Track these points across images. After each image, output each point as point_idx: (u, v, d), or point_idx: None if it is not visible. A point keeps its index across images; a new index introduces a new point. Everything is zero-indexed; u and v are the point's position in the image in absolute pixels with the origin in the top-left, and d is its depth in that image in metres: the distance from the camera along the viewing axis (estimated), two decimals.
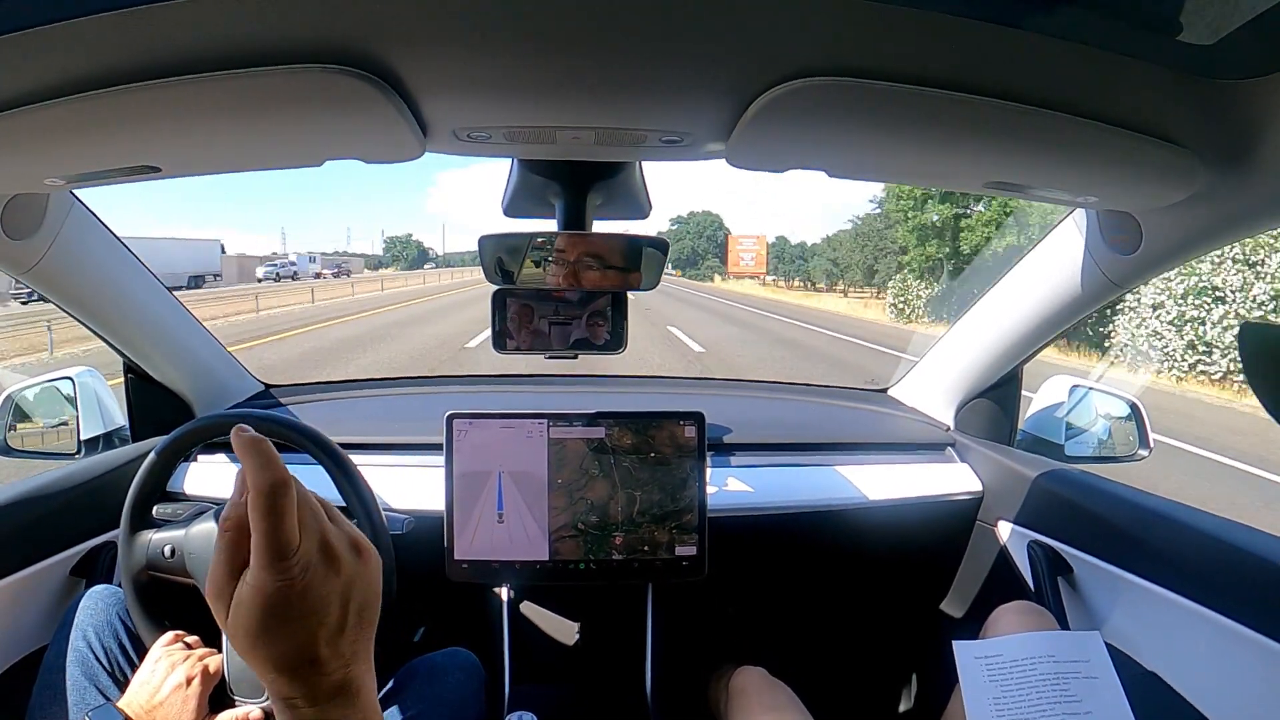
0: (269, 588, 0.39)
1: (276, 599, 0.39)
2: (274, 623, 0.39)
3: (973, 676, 0.83)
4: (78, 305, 1.06)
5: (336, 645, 0.41)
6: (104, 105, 0.54)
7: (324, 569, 0.40)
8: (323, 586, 0.40)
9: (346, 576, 0.41)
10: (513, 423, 1.07)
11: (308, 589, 0.39)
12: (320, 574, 0.40)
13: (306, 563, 0.40)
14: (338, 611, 0.41)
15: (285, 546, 0.39)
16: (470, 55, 0.53)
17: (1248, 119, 0.59)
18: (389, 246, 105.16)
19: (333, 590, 0.41)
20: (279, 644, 0.39)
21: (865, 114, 0.59)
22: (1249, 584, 0.79)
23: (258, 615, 0.39)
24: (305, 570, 0.39)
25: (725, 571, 1.10)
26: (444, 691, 0.96)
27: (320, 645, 0.40)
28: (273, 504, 0.39)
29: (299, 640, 0.40)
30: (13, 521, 0.95)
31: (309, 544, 0.40)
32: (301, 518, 0.40)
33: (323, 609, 0.40)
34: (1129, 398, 1.30)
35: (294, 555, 0.39)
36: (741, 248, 56.72)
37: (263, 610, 0.39)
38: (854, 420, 1.46)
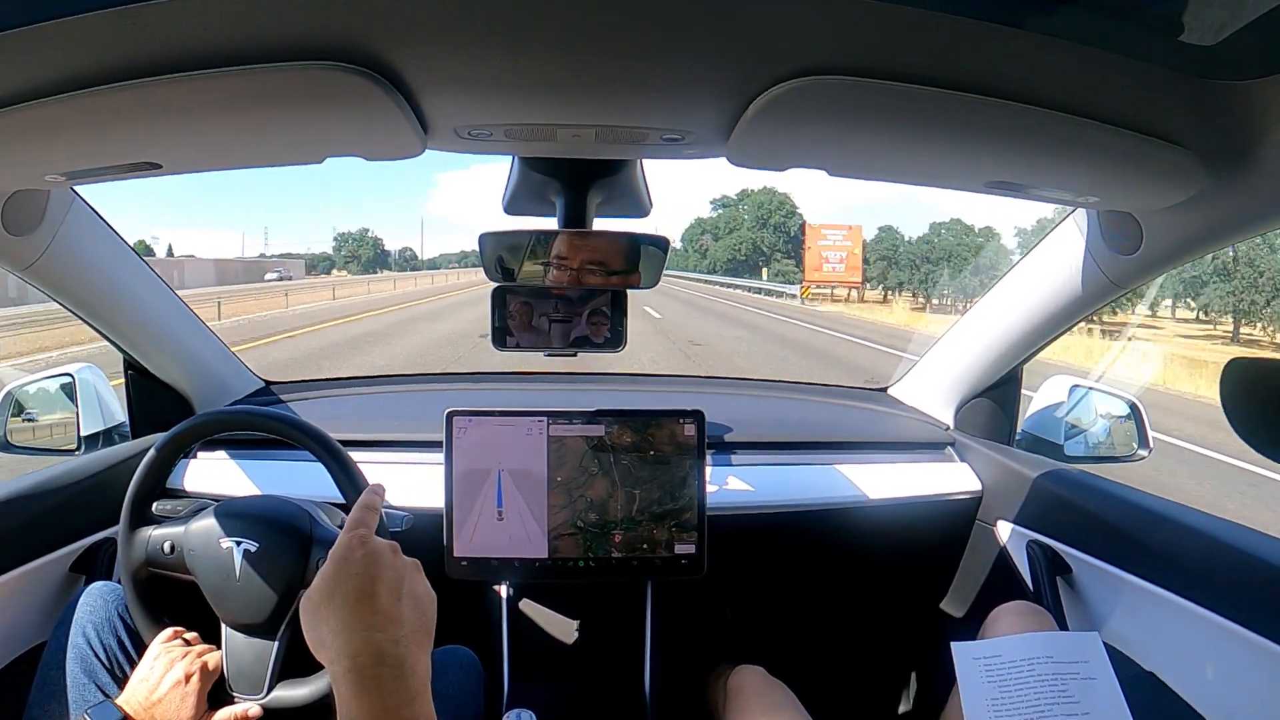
0: (344, 541, 0.55)
1: (345, 547, 0.55)
2: (341, 566, 0.53)
3: (971, 677, 0.83)
4: (78, 302, 1.06)
5: (395, 611, 0.52)
6: (105, 102, 0.54)
7: (387, 548, 0.56)
8: (382, 554, 0.55)
9: (402, 564, 0.56)
10: (512, 420, 1.07)
11: (371, 549, 0.55)
12: (383, 546, 0.56)
13: (371, 536, 0.56)
14: (392, 578, 0.54)
15: (362, 521, 0.58)
16: (471, 53, 0.53)
17: (1249, 120, 0.59)
18: (340, 244, 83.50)
19: (389, 565, 0.54)
20: (345, 584, 0.52)
21: (866, 113, 0.59)
22: (1248, 585, 0.79)
23: (332, 564, 0.54)
24: (369, 537, 0.56)
25: (724, 570, 1.10)
26: (443, 689, 0.96)
27: (381, 598, 0.52)
28: (365, 504, 0.60)
29: (361, 583, 0.52)
30: (13, 517, 0.95)
31: (379, 538, 0.57)
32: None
33: (380, 569, 0.54)
34: (1129, 398, 1.30)
35: (364, 529, 0.57)
36: (825, 243, 38.34)
37: (335, 558, 0.54)
38: (854, 419, 1.46)
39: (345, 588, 0.52)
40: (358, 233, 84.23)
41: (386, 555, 0.55)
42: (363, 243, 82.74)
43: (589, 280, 0.83)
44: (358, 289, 28.99)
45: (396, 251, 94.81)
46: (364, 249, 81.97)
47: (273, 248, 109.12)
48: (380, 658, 0.49)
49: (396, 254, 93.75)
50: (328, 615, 0.51)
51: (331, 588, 0.52)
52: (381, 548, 0.55)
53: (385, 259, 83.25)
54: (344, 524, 0.59)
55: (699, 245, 60.30)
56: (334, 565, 0.54)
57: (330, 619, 0.51)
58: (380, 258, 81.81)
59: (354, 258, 79.17)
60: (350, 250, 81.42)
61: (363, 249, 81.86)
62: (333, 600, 0.52)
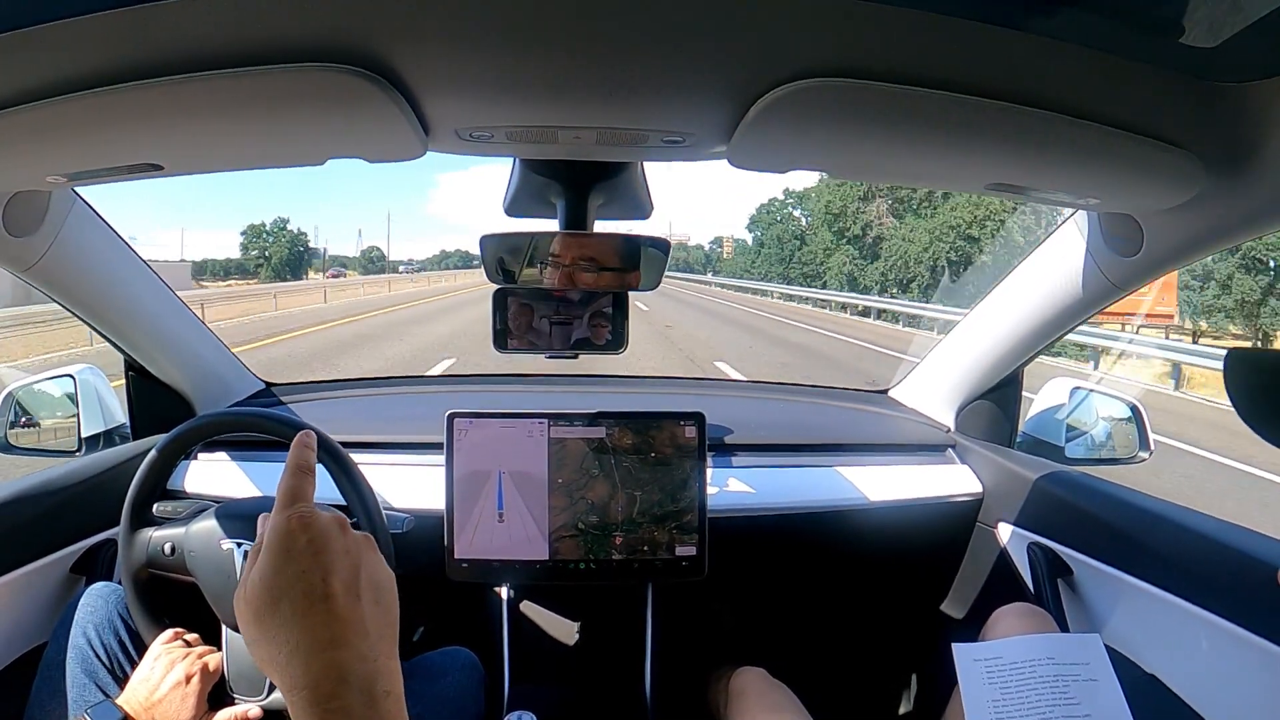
0: (280, 525, 0.43)
1: (284, 533, 0.43)
2: (283, 561, 0.42)
3: (972, 679, 0.83)
4: (79, 303, 1.06)
5: (356, 614, 0.42)
6: (106, 103, 0.54)
7: (335, 526, 0.44)
8: (330, 537, 0.44)
9: (354, 543, 0.45)
10: (513, 422, 1.07)
11: (316, 532, 0.43)
12: (329, 525, 0.44)
13: (313, 512, 0.44)
14: (347, 567, 0.43)
15: (298, 493, 0.45)
16: (473, 55, 0.53)
17: (1249, 122, 0.59)
18: (249, 241, 58.19)
19: (341, 549, 0.43)
20: (292, 586, 0.41)
21: (867, 115, 0.59)
22: (1249, 587, 0.79)
23: (269, 557, 0.42)
24: (311, 516, 0.44)
25: (725, 572, 1.10)
26: (444, 691, 0.96)
27: (338, 598, 0.41)
28: (296, 467, 0.47)
29: (311, 581, 0.42)
30: (13, 518, 0.95)
31: (321, 512, 0.45)
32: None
33: (331, 557, 0.43)
34: (1129, 400, 1.30)
35: (303, 503, 0.45)
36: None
37: (273, 549, 0.42)
38: (855, 421, 1.46)
39: (293, 589, 0.41)
40: (273, 225, 58.68)
41: (335, 536, 0.44)
42: (278, 239, 57.72)
43: (590, 282, 0.83)
44: (246, 306, 17.27)
45: (361, 251, 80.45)
46: (277, 247, 57.10)
47: (199, 250, 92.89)
48: (345, 681, 0.40)
49: (360, 254, 79.17)
50: (274, 629, 0.41)
51: (274, 589, 0.42)
52: (328, 526, 0.44)
53: (306, 259, 59.18)
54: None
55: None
56: (273, 557, 0.42)
57: (279, 633, 0.41)
58: (299, 258, 57.88)
59: (265, 259, 56.49)
60: (262, 248, 57.87)
61: (275, 247, 57.09)
62: (278, 608, 0.41)
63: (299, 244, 59.01)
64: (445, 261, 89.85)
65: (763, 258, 46.86)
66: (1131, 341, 9.45)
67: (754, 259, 48.99)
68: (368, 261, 77.19)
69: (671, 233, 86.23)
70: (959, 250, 27.76)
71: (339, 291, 25.26)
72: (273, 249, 57.35)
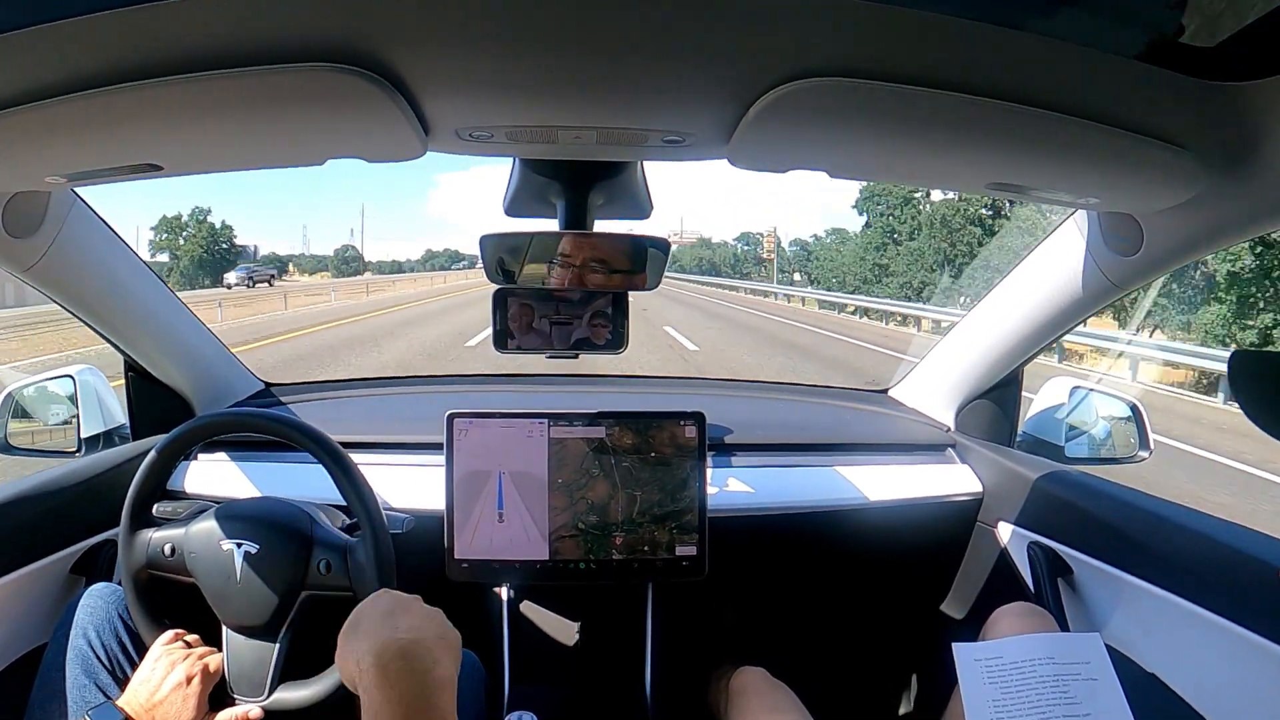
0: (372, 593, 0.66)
1: (375, 594, 0.65)
2: (371, 602, 0.63)
3: (972, 678, 0.83)
4: (79, 304, 1.06)
5: (419, 624, 0.59)
6: (105, 103, 0.54)
7: (413, 598, 0.64)
8: (408, 598, 0.63)
9: (427, 609, 0.62)
10: (513, 422, 1.07)
11: (397, 594, 0.63)
12: (407, 596, 0.64)
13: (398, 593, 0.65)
14: (419, 609, 0.62)
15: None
16: (473, 54, 0.53)
17: (1249, 121, 0.59)
18: (162, 238, 45.39)
19: (413, 601, 0.63)
20: (374, 610, 0.61)
21: (867, 115, 0.59)
22: (1249, 586, 0.79)
23: (361, 605, 0.63)
24: (393, 591, 0.65)
25: (725, 572, 1.10)
26: None
27: (402, 615, 0.60)
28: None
29: (389, 604, 0.61)
30: (13, 519, 0.95)
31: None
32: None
33: (407, 601, 0.62)
34: (1129, 399, 1.30)
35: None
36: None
37: (362, 602, 0.63)
38: (854, 421, 1.46)
39: (371, 615, 0.59)
40: (190, 218, 45.92)
41: (412, 599, 0.62)
42: (195, 234, 45.69)
43: (590, 282, 0.83)
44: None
45: (335, 251, 74.54)
46: (190, 245, 45.37)
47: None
48: (405, 654, 0.54)
49: (334, 253, 72.74)
50: (355, 636, 0.58)
51: (358, 619, 0.60)
52: (406, 596, 0.63)
53: (231, 259, 46.22)
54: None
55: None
56: (359, 609, 0.62)
57: (357, 637, 0.58)
58: (221, 258, 45.60)
59: (175, 259, 44.85)
60: (174, 246, 45.54)
61: (189, 245, 45.37)
62: (358, 628, 0.59)
63: (220, 240, 46.88)
64: (432, 261, 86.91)
65: (864, 248, 31.41)
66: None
67: (862, 253, 31.58)
68: (341, 262, 72.13)
69: (682, 229, 78.71)
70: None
71: (255, 303, 18.69)
72: (185, 248, 45.36)
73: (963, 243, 25.54)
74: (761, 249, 69.33)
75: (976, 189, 0.78)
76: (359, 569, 0.87)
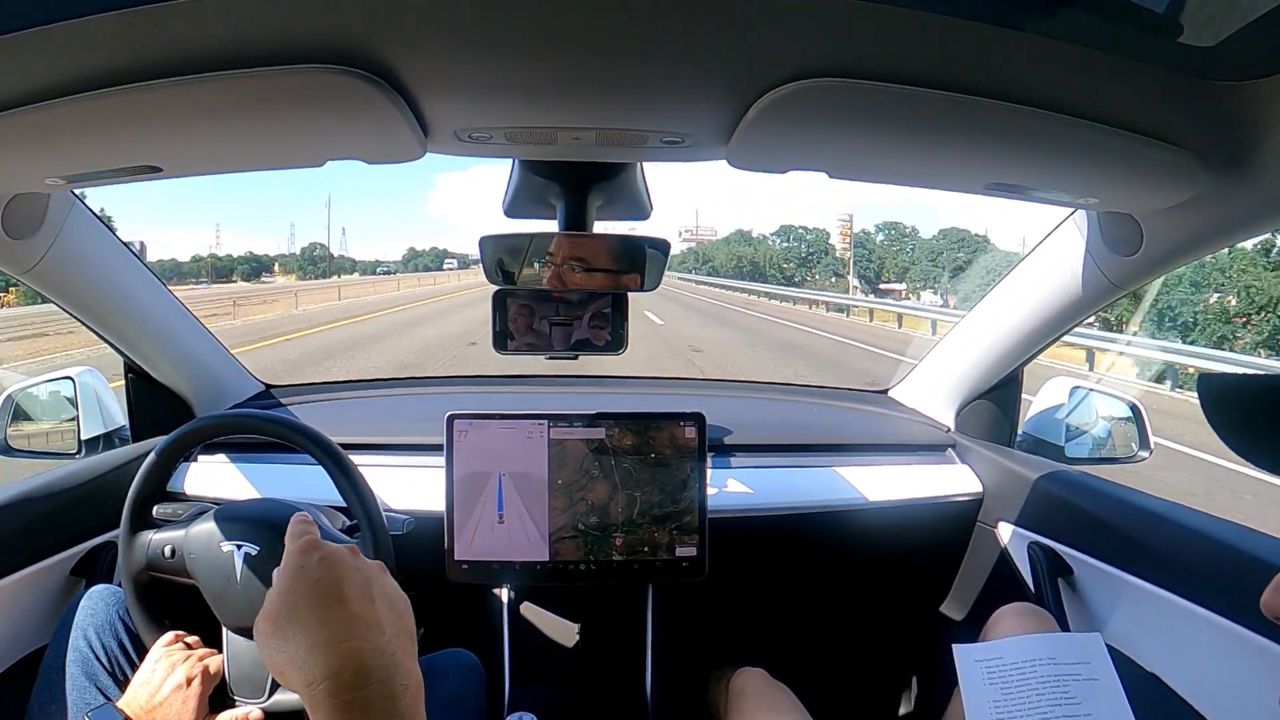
0: (293, 551, 0.48)
1: (296, 555, 0.47)
2: (296, 576, 0.46)
3: (972, 679, 0.83)
4: (78, 305, 1.06)
5: (371, 614, 0.45)
6: (105, 105, 0.54)
7: (344, 549, 0.49)
8: (341, 554, 0.48)
9: (364, 563, 0.49)
10: (513, 423, 1.07)
11: (327, 551, 0.47)
12: (339, 548, 0.48)
13: (323, 540, 0.49)
14: (359, 579, 0.46)
15: (306, 530, 0.50)
16: (472, 56, 0.53)
17: (1248, 121, 0.59)
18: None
19: (351, 565, 0.47)
20: (308, 592, 0.45)
21: (866, 115, 0.59)
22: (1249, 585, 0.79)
23: (284, 576, 0.47)
24: (320, 541, 0.48)
25: (725, 573, 1.10)
26: (444, 692, 0.96)
27: (352, 601, 0.45)
28: (300, 517, 0.53)
29: (325, 587, 0.45)
30: (13, 521, 0.95)
31: (334, 543, 0.49)
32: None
33: (343, 571, 0.46)
34: (1129, 399, 1.30)
35: (312, 535, 0.49)
36: None
37: (288, 569, 0.47)
38: (854, 421, 1.45)
39: (308, 596, 0.45)
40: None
41: (346, 556, 0.48)
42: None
43: (590, 283, 0.83)
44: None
45: (301, 250, 65.13)
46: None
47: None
48: (365, 673, 0.42)
49: (300, 252, 62.73)
50: (294, 631, 0.43)
51: (291, 599, 0.45)
52: (338, 549, 0.48)
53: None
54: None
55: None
56: (287, 576, 0.46)
57: (298, 635, 0.43)
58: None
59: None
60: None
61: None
62: (295, 614, 0.44)
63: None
64: (415, 261, 78.11)
65: None
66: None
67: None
68: (308, 262, 61.36)
69: (697, 225, 70.31)
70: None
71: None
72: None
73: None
74: (830, 247, 55.11)
75: (976, 190, 0.78)
76: None
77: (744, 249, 59.21)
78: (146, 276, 1.15)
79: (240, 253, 67.53)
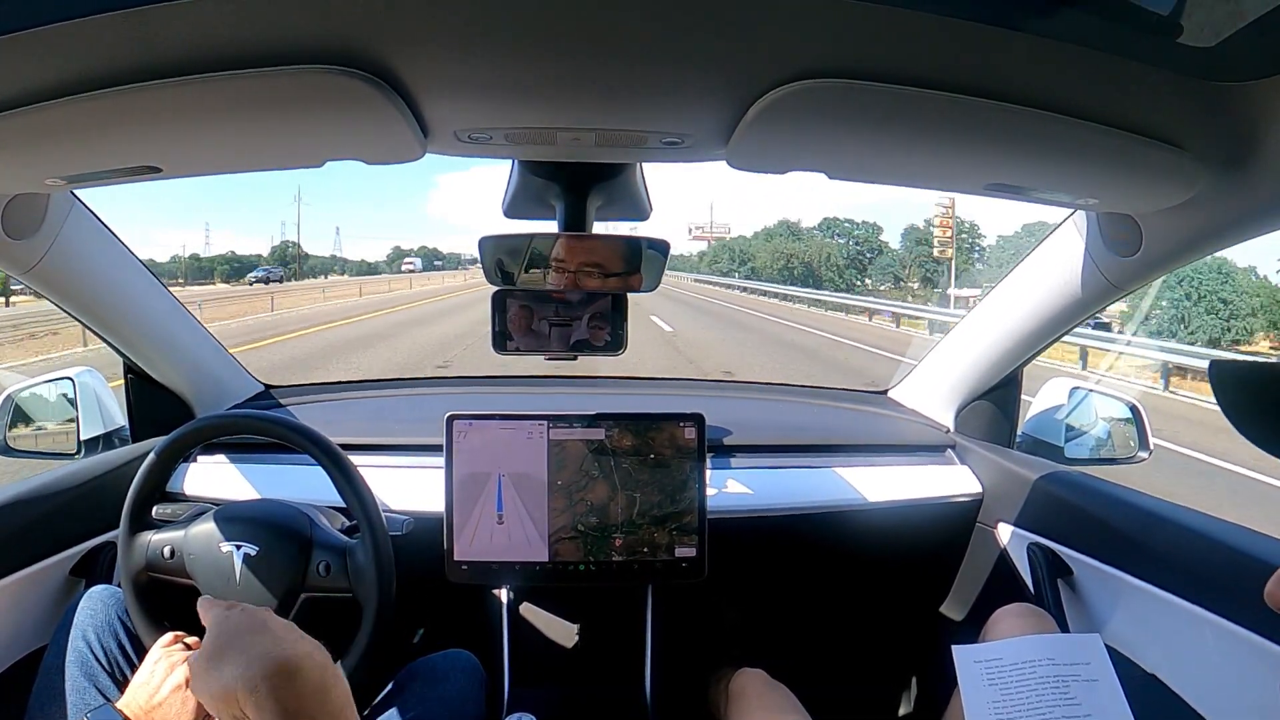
0: (217, 610, 0.55)
1: (224, 611, 0.55)
2: (224, 621, 0.53)
3: (972, 680, 0.82)
4: (78, 305, 1.06)
5: (295, 634, 0.52)
6: (104, 105, 0.54)
7: (266, 610, 0.56)
8: (263, 612, 0.55)
9: (286, 624, 0.54)
10: (512, 424, 1.07)
11: (247, 608, 0.56)
12: (260, 610, 0.56)
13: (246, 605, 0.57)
14: (281, 621, 0.54)
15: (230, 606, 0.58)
16: (471, 57, 0.53)
17: (1248, 121, 0.59)
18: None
19: (272, 617, 0.54)
20: (232, 629, 0.52)
21: (866, 116, 0.59)
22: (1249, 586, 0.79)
23: (213, 627, 0.53)
24: (241, 605, 0.57)
25: (725, 573, 1.10)
26: (444, 693, 0.96)
27: (274, 627, 0.52)
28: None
29: (251, 620, 0.53)
30: (12, 521, 0.95)
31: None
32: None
33: (264, 614, 0.54)
34: (1129, 400, 1.30)
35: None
36: None
37: (214, 621, 0.54)
38: (854, 422, 1.45)
39: (235, 634, 0.50)
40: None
41: (262, 610, 0.54)
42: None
43: (589, 283, 0.83)
44: None
45: (272, 248, 59.15)
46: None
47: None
48: (299, 672, 0.46)
49: (270, 251, 55.68)
50: (222, 662, 0.48)
51: (219, 641, 0.50)
52: (253, 608, 0.55)
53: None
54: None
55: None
56: (213, 624, 0.53)
57: (227, 662, 0.47)
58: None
59: None
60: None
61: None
62: (224, 652, 0.49)
63: None
64: (399, 263, 72.19)
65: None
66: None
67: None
68: (277, 263, 54.50)
69: (711, 221, 64.46)
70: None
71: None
72: None
73: None
74: (882, 244, 46.59)
75: (975, 190, 0.78)
76: (359, 571, 0.87)
77: (792, 245, 49.19)
78: (146, 277, 1.15)
79: (226, 252, 62.25)
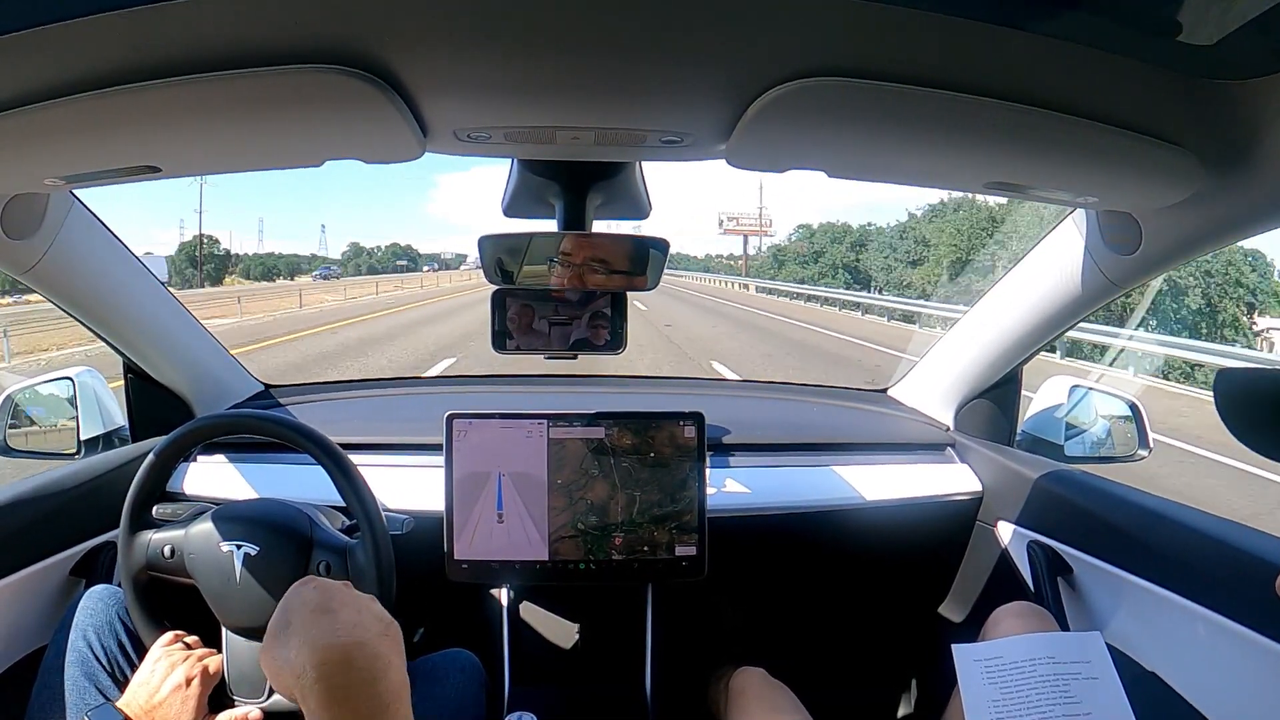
0: (294, 585, 0.54)
1: (298, 586, 0.53)
2: (295, 597, 0.52)
3: (972, 679, 0.83)
4: (77, 305, 1.06)
5: (358, 620, 0.50)
6: (104, 105, 0.54)
7: (340, 584, 0.54)
8: (335, 587, 0.53)
9: (356, 594, 0.54)
10: (512, 423, 1.07)
11: (323, 583, 0.53)
12: (334, 584, 0.54)
13: (322, 579, 0.56)
14: (350, 599, 0.52)
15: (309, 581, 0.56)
16: (470, 56, 0.53)
17: (1248, 120, 0.59)
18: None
19: (344, 591, 0.53)
20: (301, 609, 0.51)
21: (866, 114, 0.59)
22: (1249, 584, 0.79)
23: (284, 602, 0.52)
24: (317, 579, 0.55)
25: (725, 572, 1.10)
26: (444, 692, 0.96)
27: (340, 612, 0.50)
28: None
29: (320, 600, 0.51)
30: (13, 521, 0.95)
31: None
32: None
33: (335, 591, 0.52)
34: (1129, 398, 1.30)
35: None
36: None
37: (286, 597, 0.53)
38: (854, 420, 1.46)
39: (301, 611, 0.50)
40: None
41: (339, 586, 0.53)
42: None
43: (594, 279, 0.82)
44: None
45: (180, 245, 48.42)
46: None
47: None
48: (349, 662, 0.47)
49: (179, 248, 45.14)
50: (287, 638, 0.49)
51: (287, 616, 0.50)
52: (333, 583, 0.53)
53: None
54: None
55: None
56: (285, 601, 0.52)
57: (290, 640, 0.49)
58: None
59: None
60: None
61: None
62: (289, 627, 0.49)
63: None
64: (356, 261, 69.92)
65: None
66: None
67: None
68: (185, 263, 46.66)
69: (761, 208, 60.20)
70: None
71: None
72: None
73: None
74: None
75: (975, 188, 0.78)
76: (359, 570, 0.87)
77: (879, 235, 38.99)
78: (145, 277, 1.15)
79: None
